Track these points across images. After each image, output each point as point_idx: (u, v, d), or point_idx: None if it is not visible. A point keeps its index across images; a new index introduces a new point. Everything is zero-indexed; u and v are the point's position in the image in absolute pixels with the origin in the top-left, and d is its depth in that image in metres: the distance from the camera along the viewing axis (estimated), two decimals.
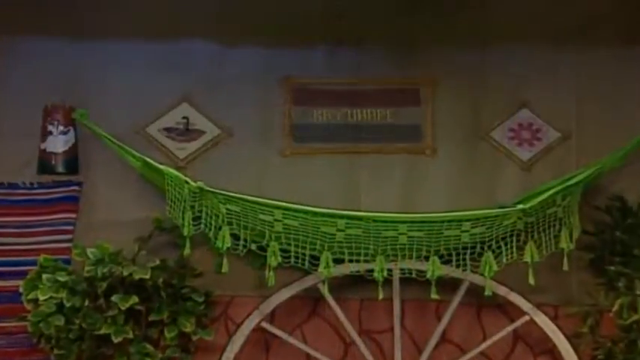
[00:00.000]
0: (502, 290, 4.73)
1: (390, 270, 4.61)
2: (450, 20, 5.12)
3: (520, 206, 4.57)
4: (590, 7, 5.10)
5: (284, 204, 4.53)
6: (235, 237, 4.58)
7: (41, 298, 4.54)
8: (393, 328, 4.76)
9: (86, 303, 4.55)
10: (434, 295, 4.57)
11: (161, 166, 4.69)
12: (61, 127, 4.97)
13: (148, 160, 4.75)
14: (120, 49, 5.11)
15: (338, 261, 4.61)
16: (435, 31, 5.12)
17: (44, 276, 4.60)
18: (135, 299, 4.54)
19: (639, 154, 4.94)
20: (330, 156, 5.09)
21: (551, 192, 4.60)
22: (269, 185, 4.97)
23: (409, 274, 4.66)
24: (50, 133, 4.97)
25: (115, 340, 4.52)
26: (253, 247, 4.61)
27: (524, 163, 5.09)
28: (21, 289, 4.65)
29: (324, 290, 4.68)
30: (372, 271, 4.59)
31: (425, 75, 5.14)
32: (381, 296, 4.55)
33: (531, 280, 4.60)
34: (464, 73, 5.15)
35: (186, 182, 4.57)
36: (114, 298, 4.53)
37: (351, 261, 4.61)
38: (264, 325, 4.76)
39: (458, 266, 4.62)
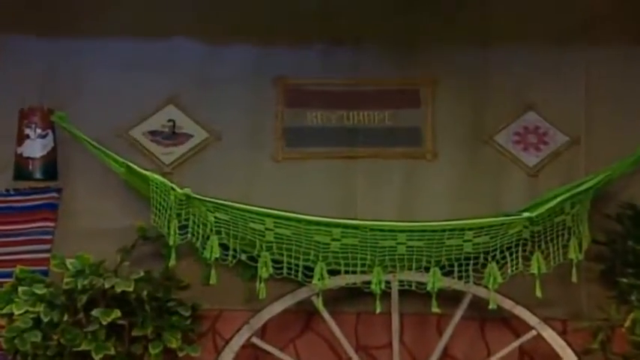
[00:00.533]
0: (507, 303, 4.66)
1: (388, 282, 4.56)
2: (451, 18, 5.09)
3: (526, 214, 4.50)
4: (594, 4, 5.06)
5: (276, 212, 4.47)
6: (224, 247, 4.52)
7: (16, 312, 4.47)
8: (392, 344, 4.69)
9: (65, 317, 4.47)
10: (435, 309, 4.49)
11: (146, 172, 4.63)
12: (38, 131, 4.93)
13: (132, 165, 4.68)
14: (102, 47, 5.08)
15: (333, 272, 4.55)
16: (435, 30, 5.09)
17: (20, 288, 4.53)
18: (117, 313, 4.46)
19: None
20: (325, 161, 5.03)
21: (559, 199, 4.52)
22: (260, 192, 4.92)
23: (408, 286, 4.61)
24: (27, 136, 4.94)
25: (96, 357, 4.43)
26: (243, 257, 4.55)
27: (531, 169, 5.01)
28: None
29: (319, 303, 4.61)
30: (369, 282, 4.53)
31: (425, 75, 5.10)
32: (378, 310, 4.49)
33: (538, 293, 4.52)
34: (465, 73, 5.11)
35: (173, 189, 4.50)
36: (95, 312, 4.46)
37: (346, 272, 4.54)
38: (255, 340, 4.69)
39: (460, 278, 4.56)
